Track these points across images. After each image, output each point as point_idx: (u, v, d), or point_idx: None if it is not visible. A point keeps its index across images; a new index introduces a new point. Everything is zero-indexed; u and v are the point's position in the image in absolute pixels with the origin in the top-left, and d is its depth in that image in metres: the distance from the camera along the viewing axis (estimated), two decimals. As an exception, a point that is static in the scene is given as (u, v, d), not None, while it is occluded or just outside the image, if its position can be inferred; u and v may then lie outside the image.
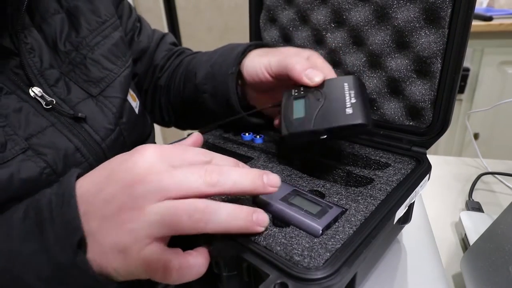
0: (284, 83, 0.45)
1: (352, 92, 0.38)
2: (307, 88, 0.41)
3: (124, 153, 0.30)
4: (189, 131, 0.56)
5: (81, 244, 0.27)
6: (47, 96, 0.42)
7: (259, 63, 0.47)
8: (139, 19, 0.65)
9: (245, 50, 0.49)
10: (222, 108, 0.52)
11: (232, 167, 0.31)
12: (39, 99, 0.42)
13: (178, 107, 0.64)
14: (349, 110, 0.37)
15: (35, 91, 0.41)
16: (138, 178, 0.27)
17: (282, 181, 0.38)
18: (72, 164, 0.42)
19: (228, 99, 0.49)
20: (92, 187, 0.29)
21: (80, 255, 0.27)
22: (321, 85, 0.41)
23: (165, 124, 0.72)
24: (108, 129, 0.47)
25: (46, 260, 0.27)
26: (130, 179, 0.27)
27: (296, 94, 0.42)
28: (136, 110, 0.54)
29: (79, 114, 0.44)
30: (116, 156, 0.31)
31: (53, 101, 0.42)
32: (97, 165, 0.45)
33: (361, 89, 0.39)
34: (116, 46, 0.51)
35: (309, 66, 0.42)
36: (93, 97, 0.47)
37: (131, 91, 0.55)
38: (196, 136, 0.39)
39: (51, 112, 0.42)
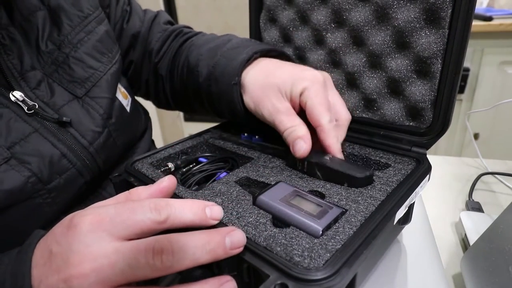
0: None
1: None
2: None
3: (62, 225, 0.27)
4: (190, 131, 0.56)
5: None
6: (29, 101, 0.40)
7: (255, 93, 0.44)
8: (129, 2, 0.60)
9: (250, 58, 0.45)
10: (228, 113, 0.49)
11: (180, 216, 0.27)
12: (20, 103, 0.39)
13: (183, 95, 0.59)
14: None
15: (16, 95, 0.39)
16: (74, 272, 0.24)
17: (282, 181, 0.39)
18: (58, 171, 0.41)
19: (233, 108, 0.47)
20: (41, 269, 0.26)
21: None
22: None
23: (171, 109, 0.68)
24: (95, 132, 0.45)
25: None
26: (66, 273, 0.24)
27: None
28: (128, 108, 0.51)
29: (64, 118, 0.41)
30: (57, 226, 0.28)
31: (36, 105, 0.40)
32: (85, 170, 0.44)
33: None
34: (101, 42, 0.48)
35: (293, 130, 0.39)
36: (78, 99, 0.44)
37: (121, 88, 0.52)
38: (167, 181, 0.33)
39: (34, 117, 0.40)
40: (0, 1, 0.38)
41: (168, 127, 2.26)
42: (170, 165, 0.47)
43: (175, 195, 0.38)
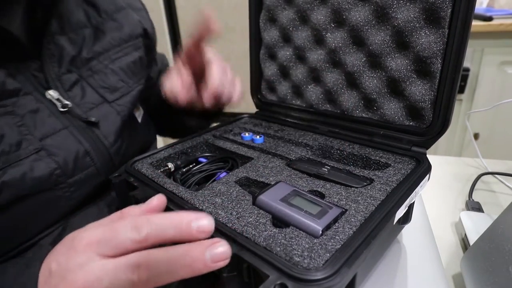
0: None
1: None
2: None
3: (65, 245, 0.29)
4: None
5: None
6: (63, 100, 0.44)
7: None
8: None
9: None
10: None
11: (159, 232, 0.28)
12: (55, 101, 0.43)
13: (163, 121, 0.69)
14: None
15: (52, 94, 0.43)
16: None
17: (282, 181, 0.39)
18: (81, 167, 0.43)
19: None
20: (43, 280, 0.29)
21: None
22: None
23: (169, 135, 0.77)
24: (116, 135, 0.49)
25: None
26: None
27: None
28: (139, 119, 0.56)
29: (92, 119, 0.45)
30: (60, 245, 0.30)
31: (69, 105, 0.44)
32: (103, 170, 0.47)
33: None
34: (134, 64, 0.54)
35: None
36: (108, 103, 0.49)
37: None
38: (157, 200, 0.33)
39: (65, 115, 0.44)
40: (54, 13, 0.43)
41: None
42: (170, 165, 0.47)
43: (175, 195, 0.38)
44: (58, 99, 0.43)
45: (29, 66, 0.42)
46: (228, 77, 0.50)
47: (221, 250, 0.26)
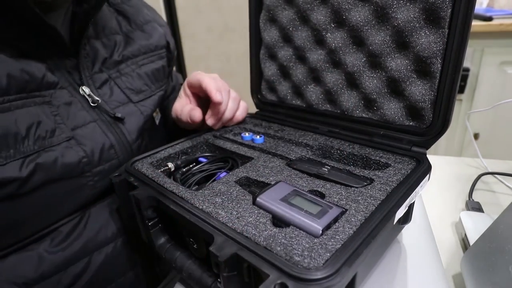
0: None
1: None
2: None
3: None
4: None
5: None
6: (94, 96, 0.48)
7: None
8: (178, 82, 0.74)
9: None
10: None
11: None
12: (86, 97, 0.47)
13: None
14: None
15: (85, 89, 0.47)
16: None
17: (282, 181, 0.39)
18: (106, 158, 0.47)
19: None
20: None
21: None
22: None
23: None
24: (139, 132, 0.52)
25: None
26: None
27: None
28: (157, 121, 0.61)
29: (119, 115, 0.49)
30: None
31: (99, 100, 0.48)
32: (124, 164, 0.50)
33: None
34: (158, 71, 0.59)
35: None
36: (133, 103, 0.53)
37: None
38: None
39: (95, 109, 0.48)
40: (92, 19, 0.47)
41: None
42: (170, 165, 0.47)
43: (175, 195, 0.38)
44: (89, 95, 0.47)
45: (66, 63, 0.47)
46: (232, 96, 0.56)
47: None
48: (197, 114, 0.53)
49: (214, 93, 0.51)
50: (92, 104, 0.48)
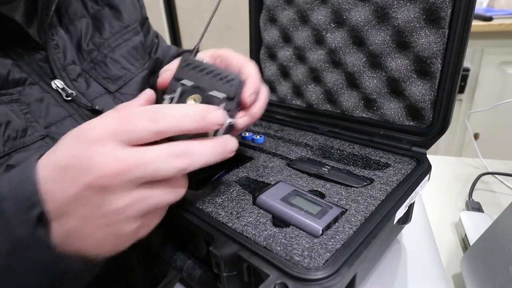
0: None
1: None
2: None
3: (79, 140, 0.28)
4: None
5: (42, 219, 0.26)
6: (68, 89, 0.45)
7: None
8: (157, 35, 0.68)
9: None
10: None
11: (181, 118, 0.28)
12: (60, 91, 0.44)
13: None
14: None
15: (57, 83, 0.44)
16: (101, 173, 0.26)
17: (282, 181, 0.39)
18: None
19: None
20: (54, 175, 0.27)
21: (40, 231, 0.26)
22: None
23: None
24: None
25: (6, 235, 0.26)
26: (90, 176, 0.26)
27: None
28: None
29: (96, 107, 0.46)
30: (68, 141, 0.29)
31: (73, 93, 0.45)
32: None
33: None
34: (135, 49, 0.55)
35: None
36: (110, 93, 0.50)
37: None
38: (147, 94, 0.35)
39: (70, 103, 0.45)
40: (52, 5, 0.44)
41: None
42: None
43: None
44: (63, 89, 0.45)
45: (34, 56, 0.44)
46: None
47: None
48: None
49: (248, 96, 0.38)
50: (66, 98, 0.44)
